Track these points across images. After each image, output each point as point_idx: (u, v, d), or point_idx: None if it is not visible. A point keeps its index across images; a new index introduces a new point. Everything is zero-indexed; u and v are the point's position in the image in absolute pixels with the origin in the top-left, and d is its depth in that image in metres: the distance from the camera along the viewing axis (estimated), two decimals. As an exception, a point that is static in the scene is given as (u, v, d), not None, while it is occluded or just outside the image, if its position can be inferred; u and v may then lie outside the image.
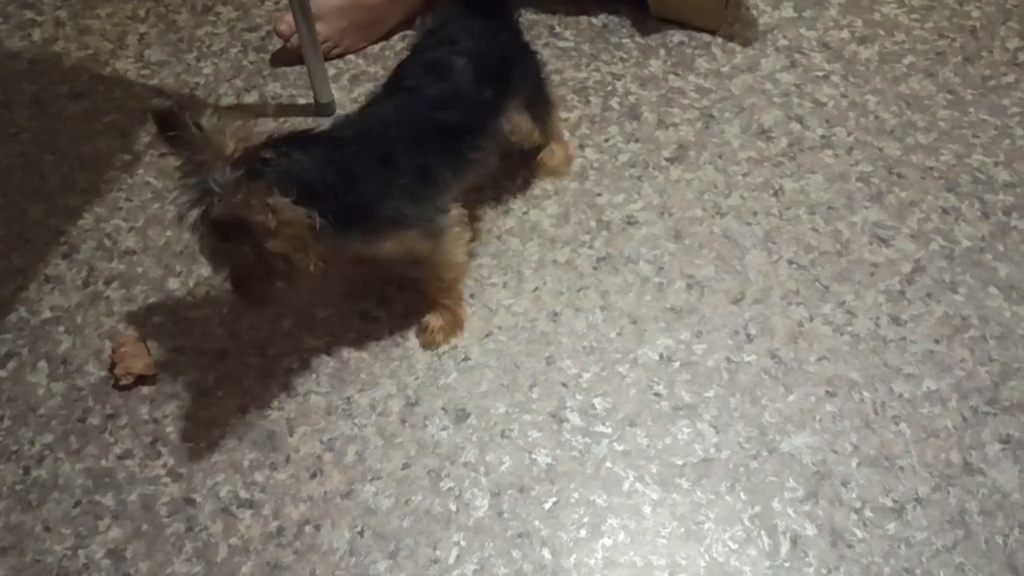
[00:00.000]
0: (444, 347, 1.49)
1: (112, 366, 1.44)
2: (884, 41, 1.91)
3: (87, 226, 1.65)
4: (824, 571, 1.27)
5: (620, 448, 1.38)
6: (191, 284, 1.56)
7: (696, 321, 1.51)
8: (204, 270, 1.57)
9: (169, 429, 1.41)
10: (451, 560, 1.29)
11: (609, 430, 1.40)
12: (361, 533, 1.32)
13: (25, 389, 1.46)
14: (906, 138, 1.73)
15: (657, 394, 1.43)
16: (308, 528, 1.32)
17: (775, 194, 1.65)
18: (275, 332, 1.51)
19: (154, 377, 1.45)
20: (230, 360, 1.48)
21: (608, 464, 1.37)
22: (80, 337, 1.51)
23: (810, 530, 1.30)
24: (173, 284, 1.56)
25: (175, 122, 1.12)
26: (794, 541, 1.29)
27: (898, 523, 1.30)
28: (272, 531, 1.32)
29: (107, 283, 1.57)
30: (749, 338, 1.48)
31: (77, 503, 1.35)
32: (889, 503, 1.32)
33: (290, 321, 1.52)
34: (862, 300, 1.51)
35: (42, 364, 1.48)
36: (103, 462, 1.38)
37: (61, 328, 1.52)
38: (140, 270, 1.58)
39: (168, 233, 1.63)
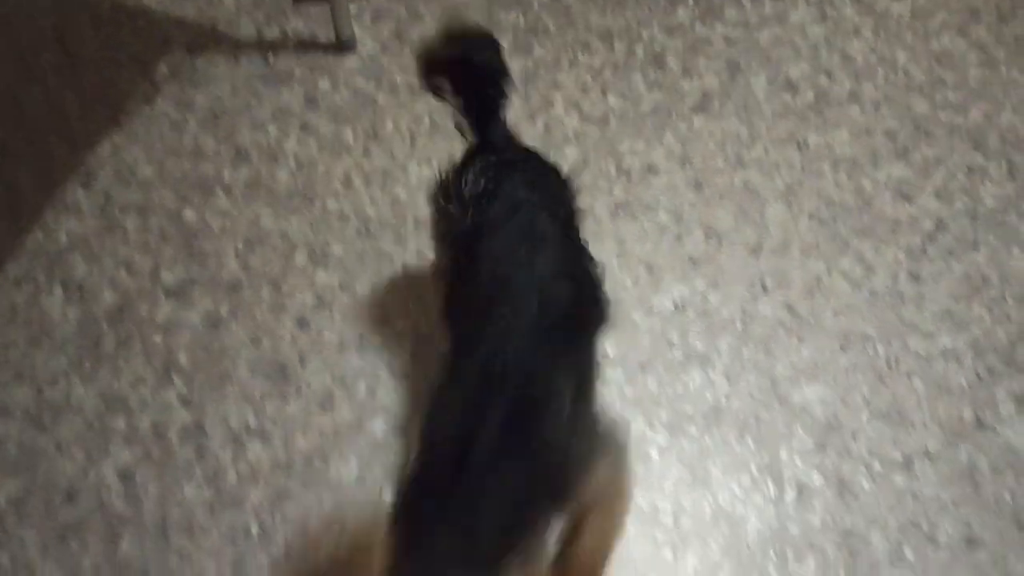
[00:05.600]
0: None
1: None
2: (917, -3, 1.87)
3: (105, 155, 1.65)
4: (829, 520, 1.27)
5: (630, 393, 1.38)
6: (207, 216, 1.56)
7: (713, 271, 1.49)
8: (221, 202, 1.57)
9: (181, 357, 1.42)
10: (457, 496, 1.30)
11: (620, 375, 1.39)
12: (370, 466, 1.32)
13: (40, 313, 1.47)
14: (935, 95, 1.70)
15: (670, 342, 1.43)
16: (317, 459, 1.33)
17: (799, 147, 1.63)
18: (289, 267, 1.50)
19: None
20: (243, 292, 1.48)
21: (618, 409, 1.36)
22: (96, 264, 1.51)
23: (817, 480, 1.30)
24: (189, 215, 1.56)
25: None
26: (800, 490, 1.29)
27: (906, 476, 1.30)
28: (281, 461, 1.33)
29: (123, 212, 1.57)
30: (765, 290, 1.47)
31: (89, 425, 1.36)
32: (898, 456, 1.31)
33: (304, 256, 1.51)
34: (882, 256, 1.49)
35: (57, 289, 1.49)
36: (116, 387, 1.39)
37: (77, 255, 1.52)
38: (157, 200, 1.58)
39: (185, 164, 1.62)
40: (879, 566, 1.24)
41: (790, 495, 1.29)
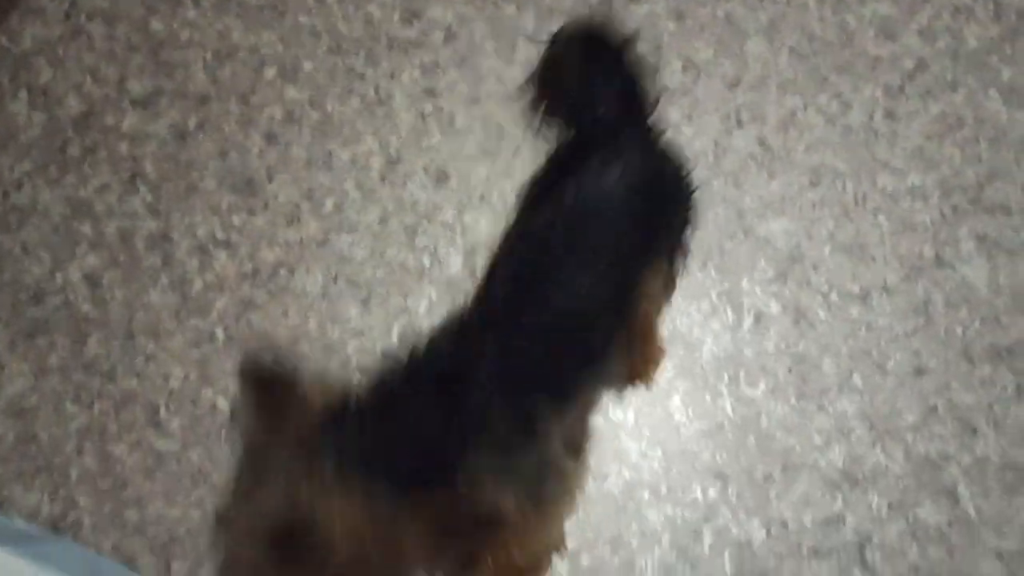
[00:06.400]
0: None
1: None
2: None
3: (70, -41, 1.59)
4: (783, 346, 1.30)
5: (597, 219, 1.38)
6: (174, 26, 1.52)
7: (688, 103, 1.48)
8: (189, 13, 1.53)
9: (148, 167, 1.41)
10: (421, 310, 1.32)
11: (588, 201, 1.39)
12: (335, 279, 1.34)
13: (5, 117, 1.44)
14: (930, -68, 1.64)
15: (640, 171, 1.42)
16: (283, 271, 1.34)
17: (785, -20, 1.59)
18: (258, 81, 1.48)
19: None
20: (211, 105, 1.46)
21: (583, 233, 1.37)
22: (61, 70, 1.48)
23: (775, 309, 1.32)
24: (156, 25, 1.52)
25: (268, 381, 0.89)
26: (758, 318, 1.32)
27: (862, 308, 1.32)
28: (247, 271, 1.34)
29: (89, 18, 1.53)
30: (740, 123, 1.46)
31: (55, 229, 1.36)
32: (856, 289, 1.33)
33: (273, 71, 1.48)
34: (859, 93, 1.48)
35: (23, 93, 1.46)
36: (82, 193, 1.39)
37: (42, 59, 1.49)
38: (123, 7, 1.53)
39: (153, -28, 1.57)
40: (828, 391, 1.28)
41: (747, 322, 1.31)
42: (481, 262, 1.34)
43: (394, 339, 1.30)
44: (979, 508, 1.20)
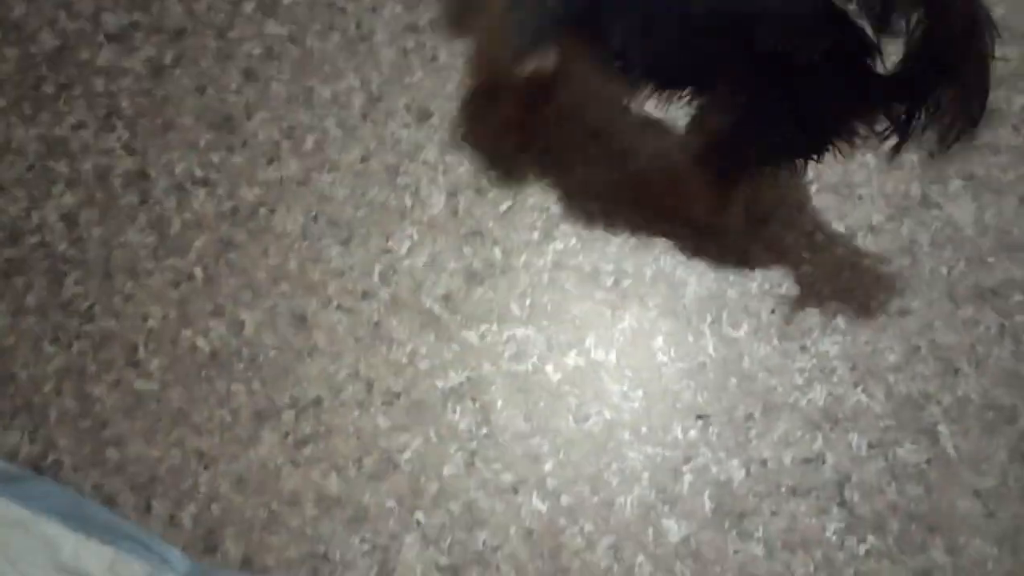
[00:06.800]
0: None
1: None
2: None
3: None
4: (767, 287, 1.29)
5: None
6: (150, -42, 1.48)
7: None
8: (164, -55, 1.49)
9: (124, 104, 1.38)
10: (403, 251, 1.30)
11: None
12: (315, 219, 1.32)
13: (-24, 52, 1.41)
14: None
15: (625, 110, 1.40)
16: (262, 210, 1.33)
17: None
18: (236, 15, 1.44)
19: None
20: (188, 40, 1.43)
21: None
22: (34, 5, 1.45)
23: (757, 249, 1.31)
24: (131, -43, 1.48)
25: None
26: (740, 258, 1.31)
27: (847, 249, 1.31)
28: (226, 210, 1.32)
29: (62, -50, 1.49)
30: (727, 60, 1.43)
31: (30, 167, 1.34)
32: (841, 229, 1.32)
33: (252, 5, 1.45)
34: (849, 30, 1.45)
35: (-6, 29, 1.43)
36: (57, 130, 1.36)
37: (13, -6, 1.46)
38: (96, -61, 1.49)
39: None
40: (811, 331, 1.27)
41: (731, 262, 1.30)
42: (464, 202, 1.33)
43: (375, 279, 1.28)
44: (958, 447, 1.21)
